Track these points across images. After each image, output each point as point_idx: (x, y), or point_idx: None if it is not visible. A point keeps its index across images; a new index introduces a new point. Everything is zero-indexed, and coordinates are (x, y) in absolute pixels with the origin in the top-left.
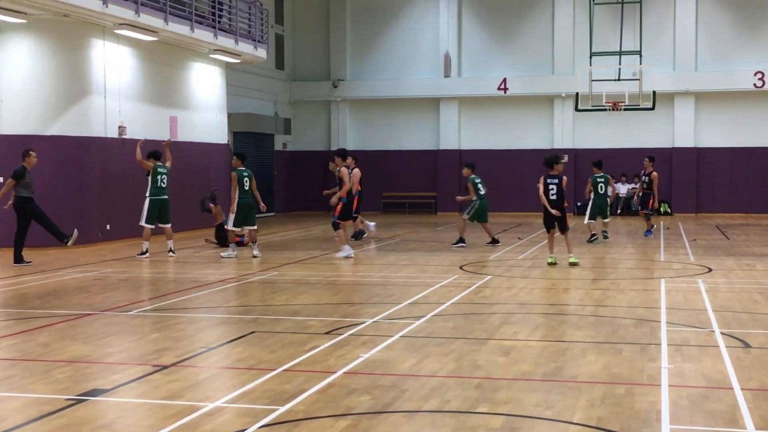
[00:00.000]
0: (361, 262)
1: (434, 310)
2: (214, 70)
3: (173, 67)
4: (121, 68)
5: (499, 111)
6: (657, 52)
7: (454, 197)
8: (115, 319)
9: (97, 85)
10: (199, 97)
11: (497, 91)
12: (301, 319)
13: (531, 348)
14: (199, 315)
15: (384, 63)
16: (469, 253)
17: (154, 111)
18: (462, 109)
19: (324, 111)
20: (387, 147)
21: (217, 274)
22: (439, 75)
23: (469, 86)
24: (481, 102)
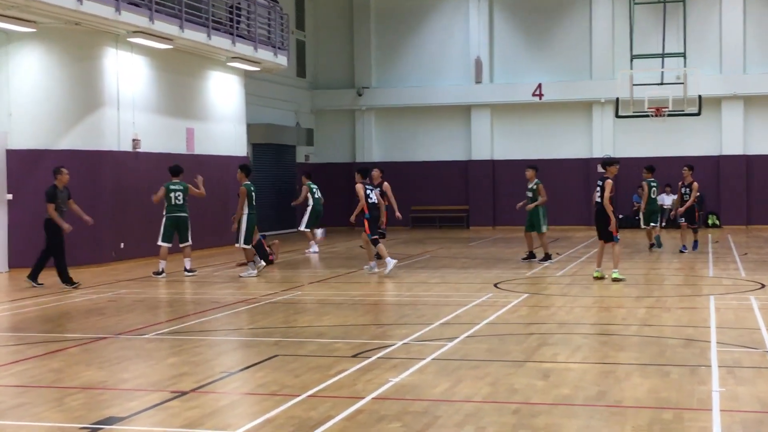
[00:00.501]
0: (390, 280)
1: (468, 331)
2: (232, 79)
3: (189, 76)
4: (135, 78)
5: (533, 118)
6: (702, 54)
7: (515, 206)
8: (130, 343)
9: (109, 96)
10: (216, 108)
11: (532, 98)
12: (327, 342)
13: (571, 371)
14: (219, 338)
15: (411, 69)
16: (504, 270)
17: (170, 123)
18: (494, 116)
19: (348, 121)
20: (415, 158)
21: (237, 294)
22: (470, 81)
23: (501, 93)
24: (515, 109)
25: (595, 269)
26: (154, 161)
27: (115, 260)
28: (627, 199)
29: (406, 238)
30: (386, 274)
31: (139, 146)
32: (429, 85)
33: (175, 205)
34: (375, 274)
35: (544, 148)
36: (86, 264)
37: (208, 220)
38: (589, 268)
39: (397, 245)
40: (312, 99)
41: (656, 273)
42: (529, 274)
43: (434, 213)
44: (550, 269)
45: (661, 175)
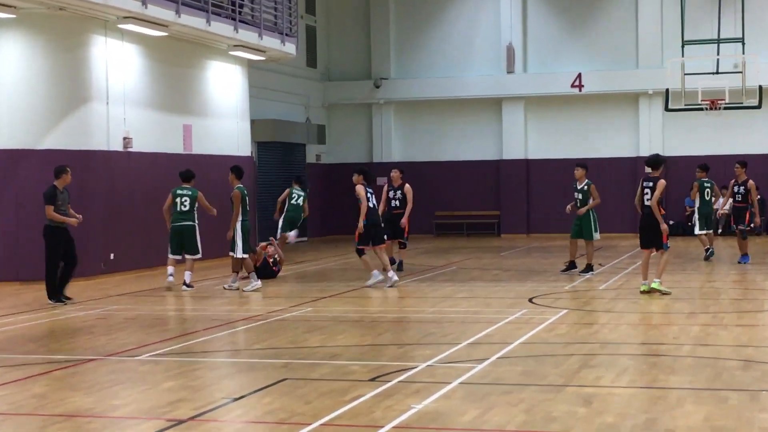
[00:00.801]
0: (411, 295)
1: (499, 352)
2: (234, 70)
3: (187, 67)
4: (126, 69)
5: (572, 113)
6: (763, 39)
7: (566, 208)
8: (121, 365)
9: (98, 89)
10: (217, 102)
11: (571, 89)
12: (341, 364)
13: (617, 396)
14: (221, 360)
15: (435, 58)
16: (541, 283)
17: (165, 119)
18: (528, 110)
19: (364, 116)
20: (439, 158)
21: (241, 310)
22: (501, 71)
23: (536, 84)
24: (552, 102)
25: (641, 282)
26: (148, 162)
27: (105, 273)
28: (678, 202)
29: (430, 248)
30: (367, 285)
31: (131, 145)
32: (455, 75)
33: (180, 212)
34: (395, 285)
35: (585, 145)
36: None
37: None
38: (635, 280)
39: (420, 255)
40: (324, 92)
41: (711, 286)
42: (568, 288)
43: (461, 219)
44: (592, 282)
45: (716, 176)
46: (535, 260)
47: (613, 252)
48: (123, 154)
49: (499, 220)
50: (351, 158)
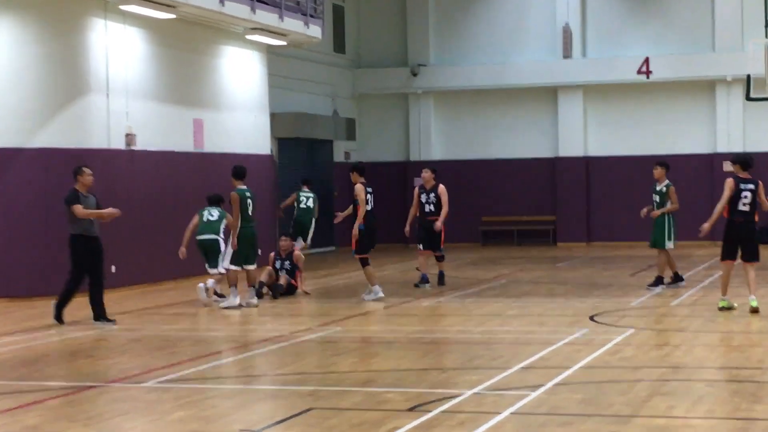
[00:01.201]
0: (455, 312)
1: (556, 377)
2: (251, 57)
3: (197, 53)
4: (129, 57)
5: (639, 103)
6: None
7: (640, 212)
8: (125, 393)
9: (97, 80)
10: (232, 93)
11: (637, 76)
12: (375, 391)
13: (692, 428)
14: (238, 386)
15: (480, 41)
16: (603, 299)
17: (173, 113)
18: (588, 100)
19: (400, 108)
20: (486, 155)
21: (261, 331)
22: (557, 55)
23: (597, 70)
24: (615, 91)
25: (720, 298)
26: (154, 162)
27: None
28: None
29: (476, 258)
30: (365, 299)
31: (135, 143)
32: (503, 61)
33: (205, 223)
34: (381, 300)
35: (653, 141)
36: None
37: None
38: (713, 295)
39: (464, 267)
40: (353, 81)
41: None
42: (634, 304)
43: (511, 225)
44: (662, 297)
45: None
46: (597, 272)
47: (687, 263)
48: (125, 153)
49: (555, 227)
50: (384, 156)
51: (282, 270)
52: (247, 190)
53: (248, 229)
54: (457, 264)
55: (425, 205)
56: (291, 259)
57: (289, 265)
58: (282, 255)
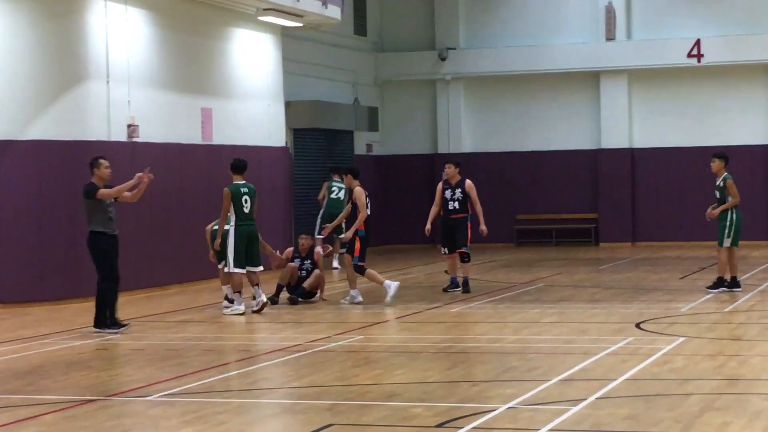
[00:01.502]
0: (487, 319)
1: (599, 391)
2: (264, 40)
3: (205, 36)
4: (131, 40)
5: (690, 89)
6: None
7: (707, 212)
8: (127, 408)
9: (96, 66)
10: (243, 80)
11: (687, 60)
12: (400, 406)
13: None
14: (251, 400)
15: (515, 22)
16: (650, 304)
17: (179, 101)
18: (633, 87)
19: (427, 95)
20: (521, 147)
21: (275, 339)
22: (599, 37)
23: (643, 53)
24: (663, 76)
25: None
26: (158, 155)
27: None
28: None
29: (510, 260)
30: (388, 301)
31: (137, 134)
32: (540, 44)
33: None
34: (360, 304)
35: (704, 131)
36: (65, 299)
37: None
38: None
39: (497, 270)
40: (376, 66)
41: None
42: (685, 310)
43: (549, 224)
44: (715, 303)
45: None
46: (644, 275)
47: (744, 264)
48: (127, 145)
49: (597, 225)
50: (410, 148)
51: (302, 271)
52: (245, 185)
53: (243, 228)
54: (490, 266)
55: (449, 202)
56: (311, 257)
57: (310, 265)
58: (302, 254)
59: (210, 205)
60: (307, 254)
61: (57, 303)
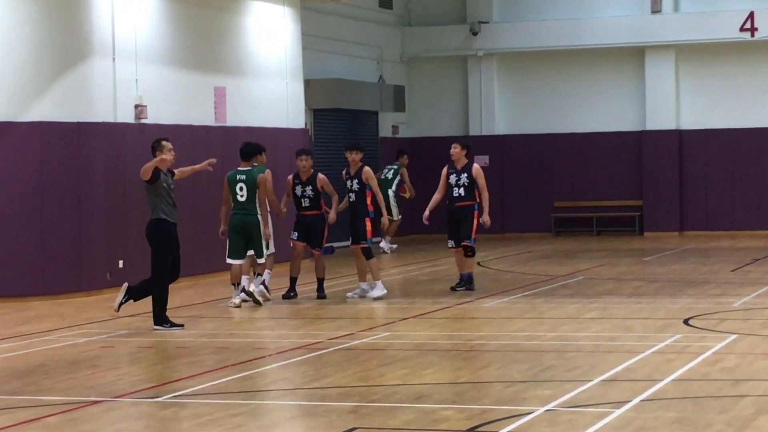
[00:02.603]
0: (523, 315)
1: (645, 392)
2: (282, 13)
3: (219, 10)
4: (139, 15)
5: (742, 65)
6: None
7: None
8: (135, 409)
9: (101, 42)
10: (259, 57)
11: (739, 34)
12: (430, 408)
13: None
14: (268, 402)
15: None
16: (700, 299)
17: (190, 80)
18: (681, 63)
19: (458, 73)
20: (560, 129)
21: (294, 336)
22: (644, 10)
23: (692, 27)
24: (713, 51)
25: None
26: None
27: (111, 286)
28: None
29: (547, 251)
30: (372, 296)
31: (145, 115)
32: (580, 16)
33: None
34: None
35: (759, 111)
36: (68, 292)
37: None
38: None
39: (533, 261)
40: (403, 41)
41: None
42: (737, 305)
43: (589, 212)
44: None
45: None
46: (693, 267)
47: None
48: (135, 127)
49: (642, 213)
50: (439, 130)
51: (304, 198)
52: (244, 171)
53: (236, 217)
54: (525, 258)
55: (454, 188)
56: (314, 183)
57: (311, 192)
58: (302, 178)
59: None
60: (308, 179)
61: (60, 297)
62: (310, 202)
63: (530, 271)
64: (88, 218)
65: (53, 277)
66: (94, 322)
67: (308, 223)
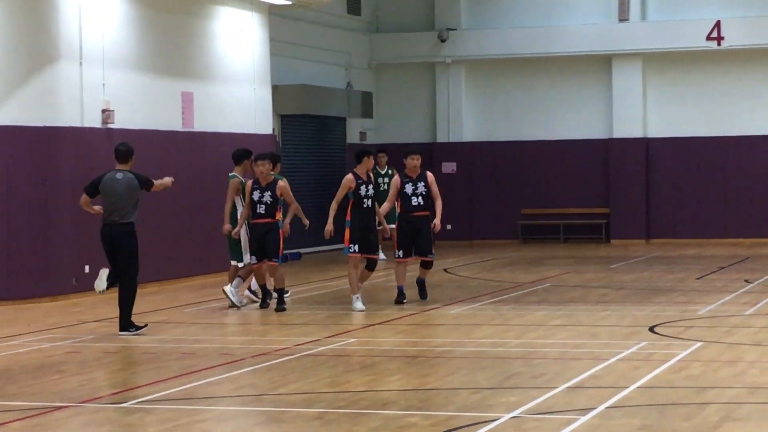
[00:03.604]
0: (489, 321)
1: (610, 399)
2: (250, 19)
3: (187, 14)
4: (106, 19)
5: (709, 74)
6: None
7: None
8: (101, 415)
9: (68, 45)
10: (227, 62)
11: (706, 43)
12: (395, 414)
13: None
14: (233, 408)
15: (520, 2)
16: (666, 306)
17: (158, 85)
18: (648, 71)
19: (426, 80)
20: (527, 136)
21: (261, 342)
22: (611, 18)
23: (659, 35)
24: (680, 60)
25: None
26: (135, 142)
27: (77, 291)
28: None
29: (514, 258)
30: (353, 306)
31: (112, 119)
32: (548, 24)
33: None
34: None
35: (725, 119)
36: (34, 297)
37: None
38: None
39: (500, 268)
40: (371, 48)
41: None
42: (702, 313)
43: (557, 219)
44: (735, 305)
45: None
46: (659, 275)
47: (764, 263)
48: (101, 132)
49: (609, 221)
50: (407, 137)
51: (261, 205)
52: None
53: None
54: (492, 264)
55: (411, 197)
56: (273, 189)
57: (270, 197)
58: (261, 184)
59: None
60: (268, 185)
61: (26, 302)
62: (266, 209)
63: (497, 278)
64: (55, 223)
65: (19, 281)
66: (60, 327)
67: (262, 234)
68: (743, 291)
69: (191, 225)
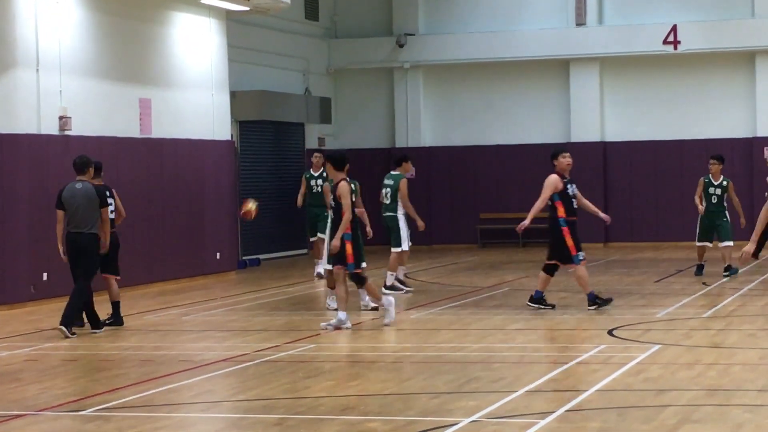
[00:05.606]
0: (449, 326)
1: (569, 402)
2: (208, 25)
3: (144, 21)
4: (63, 25)
5: (666, 78)
6: None
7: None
8: (58, 423)
9: (24, 52)
10: (185, 69)
11: (663, 47)
12: (355, 420)
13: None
14: (192, 415)
15: (478, 6)
16: (624, 310)
17: (115, 91)
18: (606, 76)
19: (384, 85)
20: (484, 140)
21: (220, 349)
22: (569, 22)
23: (616, 39)
24: (637, 64)
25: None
26: (92, 149)
27: (35, 299)
28: None
29: (473, 262)
30: (386, 323)
31: (69, 126)
32: (505, 29)
33: None
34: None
35: (683, 123)
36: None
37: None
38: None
39: (459, 272)
40: (329, 53)
41: None
42: (660, 315)
43: (515, 223)
44: (693, 308)
45: None
46: (617, 278)
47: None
48: (59, 139)
49: None
50: (365, 142)
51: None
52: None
53: None
54: (451, 269)
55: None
56: None
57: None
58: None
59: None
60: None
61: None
62: None
63: (456, 283)
64: (11, 230)
65: None
66: (18, 335)
67: None
68: (701, 294)
69: (148, 232)
